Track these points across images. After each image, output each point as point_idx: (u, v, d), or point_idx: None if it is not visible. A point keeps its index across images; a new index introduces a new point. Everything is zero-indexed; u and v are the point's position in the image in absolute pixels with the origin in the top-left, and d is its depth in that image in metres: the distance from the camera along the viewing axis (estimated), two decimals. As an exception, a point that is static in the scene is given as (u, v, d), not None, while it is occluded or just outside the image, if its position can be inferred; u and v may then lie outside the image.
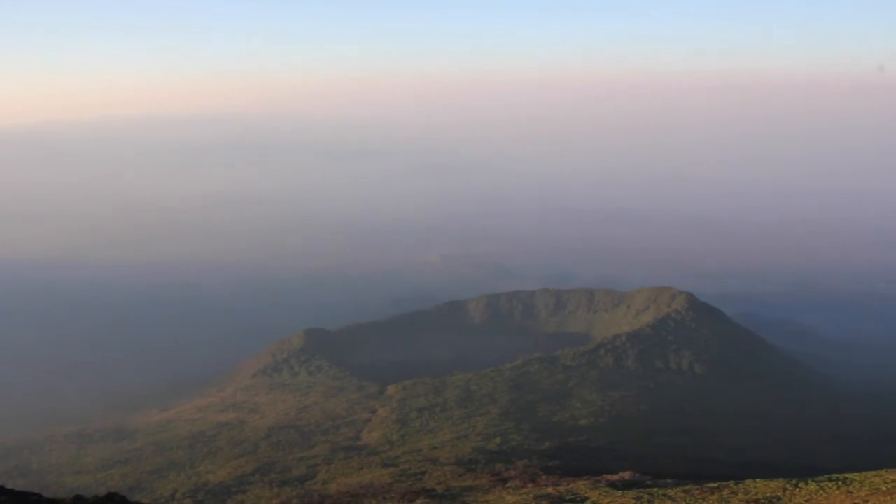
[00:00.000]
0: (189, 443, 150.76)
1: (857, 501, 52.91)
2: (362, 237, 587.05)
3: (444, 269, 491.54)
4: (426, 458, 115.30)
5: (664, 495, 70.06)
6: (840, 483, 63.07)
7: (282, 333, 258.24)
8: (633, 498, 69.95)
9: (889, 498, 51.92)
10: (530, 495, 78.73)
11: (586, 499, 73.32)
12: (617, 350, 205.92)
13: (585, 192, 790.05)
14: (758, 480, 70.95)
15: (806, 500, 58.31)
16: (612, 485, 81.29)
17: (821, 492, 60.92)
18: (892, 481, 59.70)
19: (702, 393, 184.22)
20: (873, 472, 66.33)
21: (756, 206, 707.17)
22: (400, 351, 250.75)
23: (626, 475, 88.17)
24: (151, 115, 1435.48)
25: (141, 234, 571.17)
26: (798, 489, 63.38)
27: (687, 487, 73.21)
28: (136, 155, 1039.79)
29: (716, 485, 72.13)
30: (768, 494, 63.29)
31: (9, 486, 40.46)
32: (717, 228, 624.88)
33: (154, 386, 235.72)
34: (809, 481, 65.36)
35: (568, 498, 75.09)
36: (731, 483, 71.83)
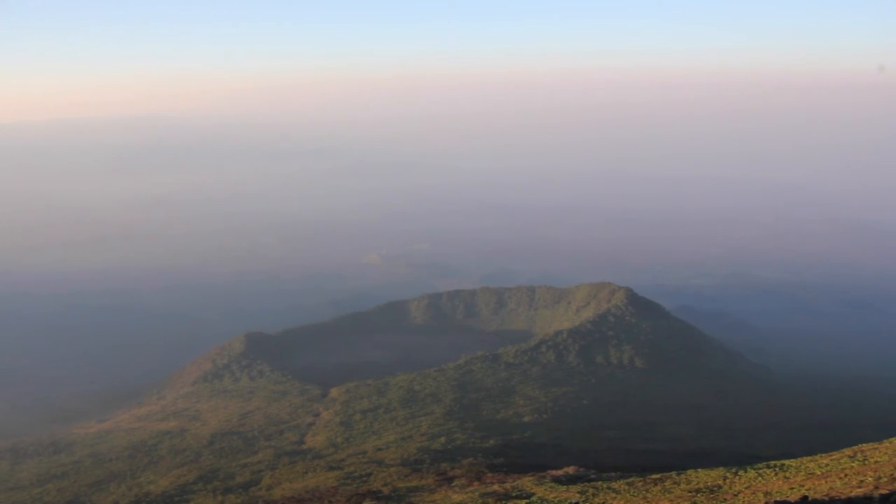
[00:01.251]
0: (129, 453, 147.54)
1: (793, 486, 54.22)
2: (299, 238, 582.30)
3: (384, 270, 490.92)
4: (371, 460, 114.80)
5: (608, 488, 70.96)
6: (777, 469, 64.70)
7: (221, 338, 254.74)
8: (578, 492, 70.70)
9: (823, 481, 53.36)
10: (476, 493, 79.01)
11: (532, 494, 73.82)
12: (558, 346, 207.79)
13: (523, 190, 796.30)
14: (699, 470, 72.39)
15: (745, 488, 59.60)
16: (557, 480, 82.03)
17: (759, 479, 62.38)
18: (826, 465, 61.43)
19: (642, 386, 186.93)
20: (808, 458, 68.22)
21: (690, 201, 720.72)
22: (342, 353, 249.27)
23: (571, 470, 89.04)
24: (80, 118, 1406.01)
25: (70, 238, 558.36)
26: (738, 477, 64.82)
27: (630, 480, 74.28)
28: (62, 159, 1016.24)
29: (658, 476, 73.36)
30: (709, 483, 64.55)
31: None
32: (653, 223, 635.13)
33: (89, 396, 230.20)
34: (748, 469, 66.94)
35: (514, 494, 75.53)
36: (674, 474, 73.13)
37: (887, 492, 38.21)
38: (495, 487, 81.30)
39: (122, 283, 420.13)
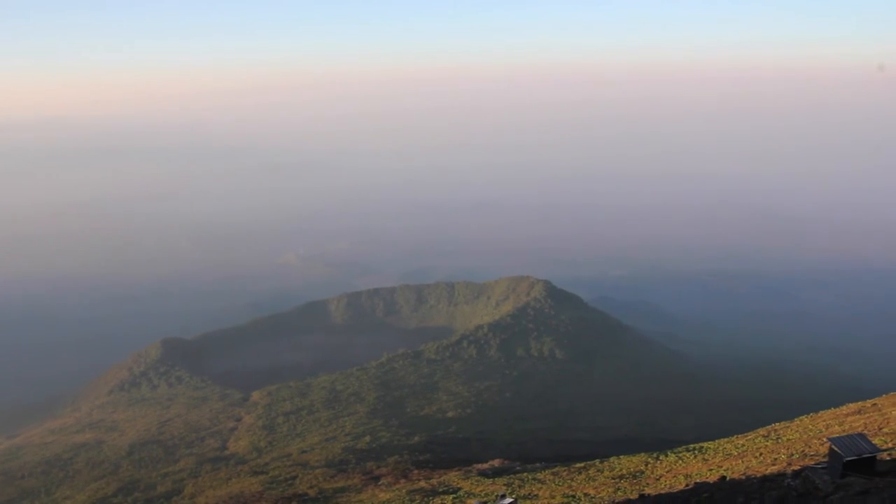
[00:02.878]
0: (43, 469, 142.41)
1: (712, 467, 55.70)
2: (214, 240, 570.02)
3: (302, 270, 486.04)
4: (296, 463, 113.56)
5: (534, 479, 71.73)
6: (696, 452, 66.42)
7: (136, 345, 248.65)
8: (504, 484, 71.22)
9: (740, 461, 54.95)
10: (403, 491, 78.90)
11: (459, 489, 74.12)
12: (479, 341, 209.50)
13: (440, 186, 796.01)
14: (622, 457, 73.83)
15: (667, 471, 60.95)
16: (483, 473, 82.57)
17: (679, 462, 63.90)
18: (742, 446, 63.30)
19: (564, 377, 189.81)
20: (725, 439, 70.28)
21: (606, 195, 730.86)
22: (262, 356, 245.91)
23: (496, 463, 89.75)
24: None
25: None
26: (659, 461, 66.30)
27: (555, 469, 75.26)
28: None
29: (582, 464, 74.57)
30: (632, 469, 65.85)
31: None
32: (571, 217, 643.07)
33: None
34: (669, 453, 68.55)
35: (440, 490, 75.68)
36: (597, 461, 74.44)
37: (799, 468, 39.56)
38: (422, 484, 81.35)
39: (27, 292, 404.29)
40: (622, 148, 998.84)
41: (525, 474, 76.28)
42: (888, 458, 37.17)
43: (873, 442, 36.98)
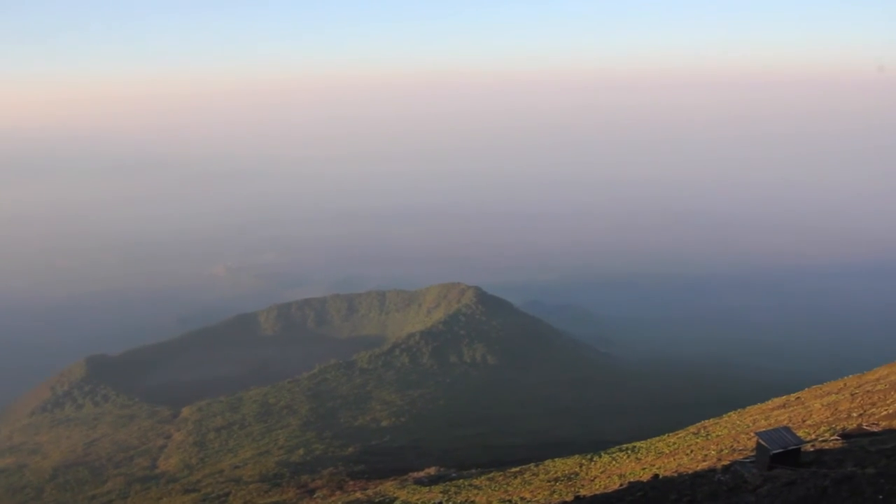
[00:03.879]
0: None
1: (645, 466, 56.53)
2: (139, 254, 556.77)
3: (230, 282, 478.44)
4: (229, 479, 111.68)
5: (470, 486, 71.87)
6: (630, 452, 67.37)
7: (60, 363, 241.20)
8: (441, 492, 71.22)
9: (672, 459, 55.90)
10: (339, 503, 78.30)
11: (395, 499, 73.81)
12: (412, 349, 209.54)
13: (369, 193, 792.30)
14: (556, 459, 74.49)
15: (601, 472, 61.65)
16: (419, 482, 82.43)
17: (613, 462, 64.70)
18: (673, 444, 64.45)
19: (496, 382, 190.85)
20: (657, 438, 71.48)
21: (535, 199, 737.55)
22: (191, 370, 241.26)
23: (432, 471, 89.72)
24: None
25: None
26: (593, 463, 67.06)
27: (491, 475, 75.52)
28: None
29: (518, 469, 74.98)
30: (567, 471, 66.43)
31: None
32: (499, 222, 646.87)
33: None
34: (602, 454, 69.39)
35: (377, 500, 75.33)
36: (532, 465, 74.93)
37: (728, 462, 40.47)
38: (358, 495, 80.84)
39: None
40: (560, 155, 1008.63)
41: (461, 481, 76.39)
42: (812, 450, 38.24)
43: (798, 434, 38.00)
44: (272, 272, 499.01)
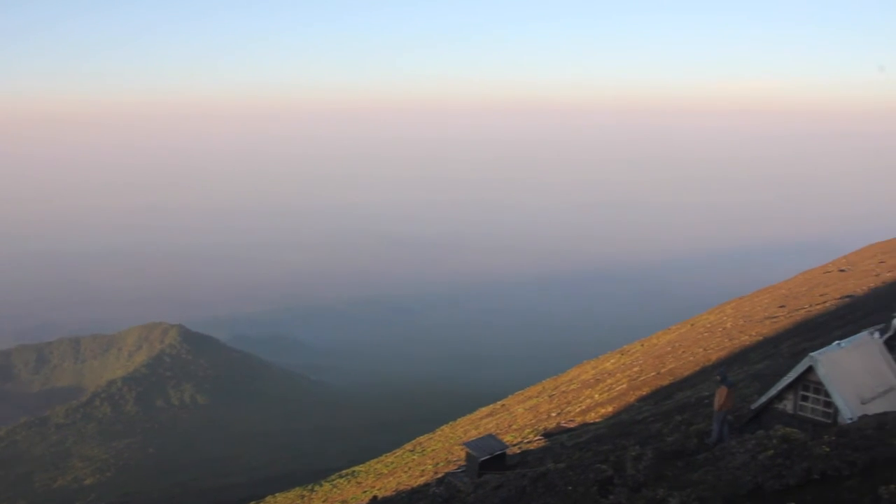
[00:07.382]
0: None
1: (365, 489, 58.13)
2: None
3: None
4: None
5: (190, 533, 69.59)
6: (350, 477, 68.90)
7: None
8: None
9: (391, 478, 58.01)
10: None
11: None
12: (113, 397, 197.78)
13: (61, 234, 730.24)
14: (277, 494, 74.24)
15: (323, 501, 62.48)
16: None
17: (335, 489, 65.83)
18: (391, 463, 66.87)
19: (209, 422, 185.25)
20: (375, 460, 73.69)
21: (238, 231, 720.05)
22: None
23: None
24: None
25: None
26: (314, 493, 67.74)
27: (211, 519, 73.59)
28: None
29: (238, 509, 73.74)
30: (289, 504, 66.56)
31: None
32: (204, 257, 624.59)
33: None
34: (323, 483, 70.33)
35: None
36: (253, 503, 73.99)
37: (442, 475, 42.88)
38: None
39: None
40: (241, 186, 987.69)
41: (179, 530, 73.67)
42: (519, 451, 41.86)
43: (504, 439, 41.39)
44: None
